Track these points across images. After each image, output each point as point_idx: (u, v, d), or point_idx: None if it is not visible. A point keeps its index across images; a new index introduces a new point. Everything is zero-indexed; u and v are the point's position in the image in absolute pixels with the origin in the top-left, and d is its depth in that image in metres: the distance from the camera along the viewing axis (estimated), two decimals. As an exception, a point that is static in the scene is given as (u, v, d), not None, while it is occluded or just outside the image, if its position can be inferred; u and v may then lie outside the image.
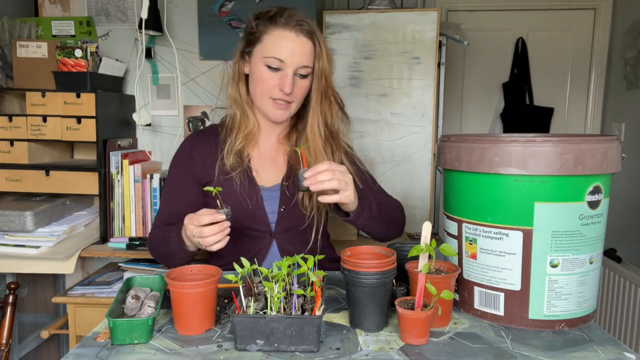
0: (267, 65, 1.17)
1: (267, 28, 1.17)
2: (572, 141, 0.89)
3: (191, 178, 1.28)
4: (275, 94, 1.18)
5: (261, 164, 1.29)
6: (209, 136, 1.31)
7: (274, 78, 1.17)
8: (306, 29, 1.16)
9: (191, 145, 1.31)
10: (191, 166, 1.28)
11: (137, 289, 0.98)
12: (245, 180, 1.24)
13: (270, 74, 1.17)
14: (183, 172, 1.29)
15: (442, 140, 1.07)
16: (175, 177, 1.30)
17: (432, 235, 0.95)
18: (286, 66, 1.16)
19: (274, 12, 1.17)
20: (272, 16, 1.17)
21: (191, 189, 1.27)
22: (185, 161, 1.29)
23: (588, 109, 2.82)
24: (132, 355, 0.82)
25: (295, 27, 1.15)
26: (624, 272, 2.18)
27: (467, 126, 2.94)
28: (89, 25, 2.23)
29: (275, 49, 1.15)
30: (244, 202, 1.22)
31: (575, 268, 0.93)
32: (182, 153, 1.31)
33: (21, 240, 1.85)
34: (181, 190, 1.28)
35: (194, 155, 1.28)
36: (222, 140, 1.26)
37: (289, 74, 1.16)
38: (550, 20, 2.80)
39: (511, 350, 0.85)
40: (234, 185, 1.22)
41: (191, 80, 2.26)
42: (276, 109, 1.20)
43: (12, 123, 1.94)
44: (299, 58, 1.16)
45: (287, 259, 0.92)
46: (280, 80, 1.17)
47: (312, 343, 0.82)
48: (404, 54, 2.14)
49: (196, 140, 1.32)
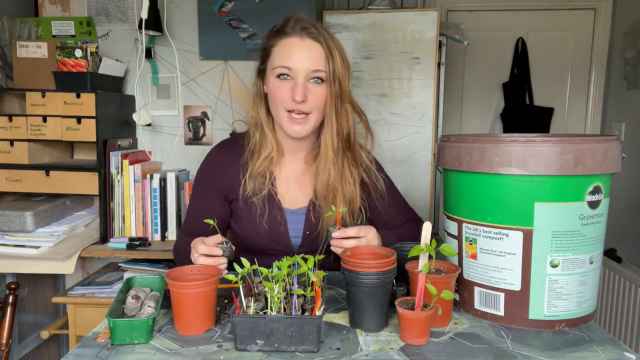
0: (277, 75, 1.11)
1: (274, 41, 1.14)
2: (572, 141, 0.89)
3: (215, 192, 1.24)
4: (289, 105, 1.11)
5: (286, 185, 1.24)
6: (235, 152, 1.25)
7: (286, 88, 1.11)
8: (312, 32, 1.11)
9: (217, 161, 1.26)
10: (216, 182, 1.25)
11: (137, 289, 0.98)
12: (269, 203, 1.20)
13: (282, 85, 1.11)
14: (208, 186, 1.26)
15: (442, 140, 1.07)
16: (200, 190, 1.27)
17: (432, 235, 0.95)
18: (295, 73, 1.10)
19: (281, 24, 1.14)
20: (278, 29, 1.14)
21: (216, 203, 1.24)
22: (210, 177, 1.26)
23: (588, 109, 2.82)
24: (132, 356, 0.82)
25: (301, 31, 1.11)
26: (624, 272, 2.18)
27: (467, 126, 2.94)
28: (89, 26, 2.23)
29: (283, 57, 1.11)
30: (267, 226, 1.19)
31: (575, 268, 0.93)
32: (208, 168, 1.27)
33: (21, 240, 1.85)
34: (205, 204, 1.25)
35: (219, 173, 1.24)
36: (246, 162, 1.22)
37: (299, 81, 1.10)
38: (550, 20, 2.80)
39: (511, 350, 0.85)
40: (257, 208, 1.19)
41: (191, 80, 2.26)
42: (293, 123, 1.13)
43: (12, 123, 1.94)
44: (307, 62, 1.10)
45: (287, 259, 0.92)
46: (291, 89, 1.10)
47: (312, 343, 0.82)
48: (404, 54, 2.14)
49: (222, 156, 1.27)
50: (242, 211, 1.22)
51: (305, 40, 1.10)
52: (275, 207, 1.21)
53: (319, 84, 1.12)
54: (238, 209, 1.23)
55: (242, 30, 2.21)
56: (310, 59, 1.10)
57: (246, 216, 1.22)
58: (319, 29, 1.12)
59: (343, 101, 1.14)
